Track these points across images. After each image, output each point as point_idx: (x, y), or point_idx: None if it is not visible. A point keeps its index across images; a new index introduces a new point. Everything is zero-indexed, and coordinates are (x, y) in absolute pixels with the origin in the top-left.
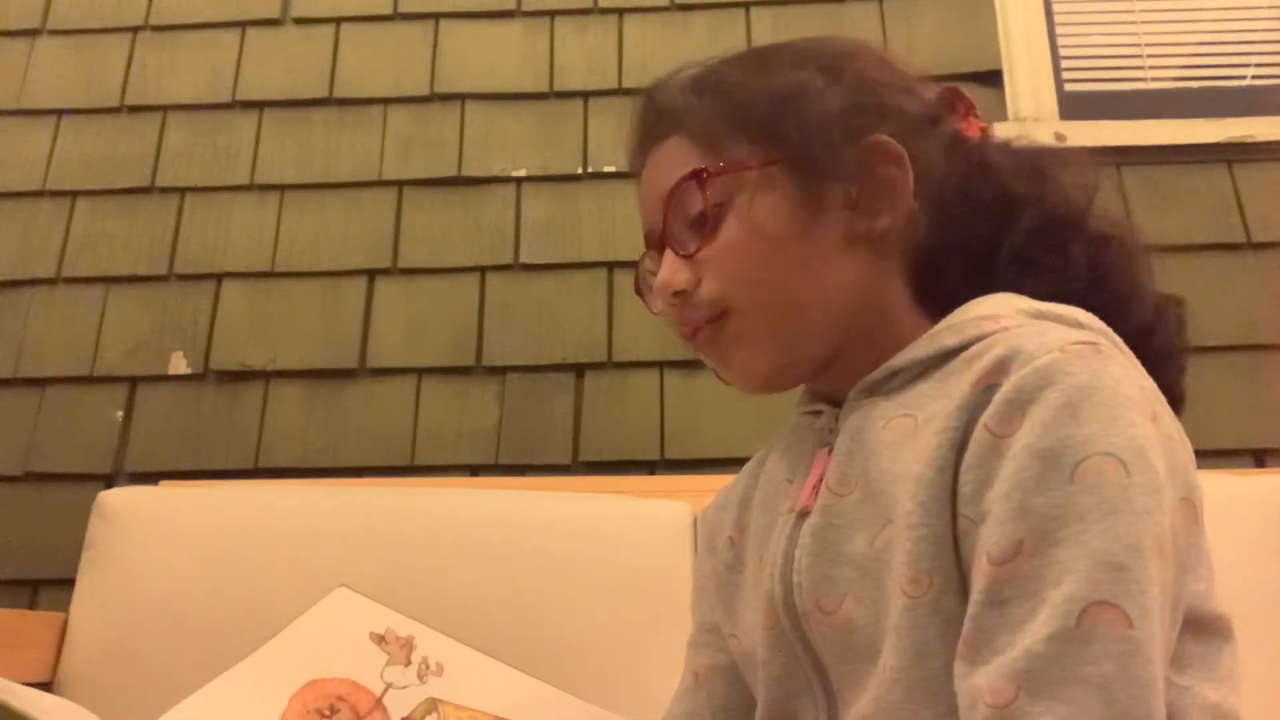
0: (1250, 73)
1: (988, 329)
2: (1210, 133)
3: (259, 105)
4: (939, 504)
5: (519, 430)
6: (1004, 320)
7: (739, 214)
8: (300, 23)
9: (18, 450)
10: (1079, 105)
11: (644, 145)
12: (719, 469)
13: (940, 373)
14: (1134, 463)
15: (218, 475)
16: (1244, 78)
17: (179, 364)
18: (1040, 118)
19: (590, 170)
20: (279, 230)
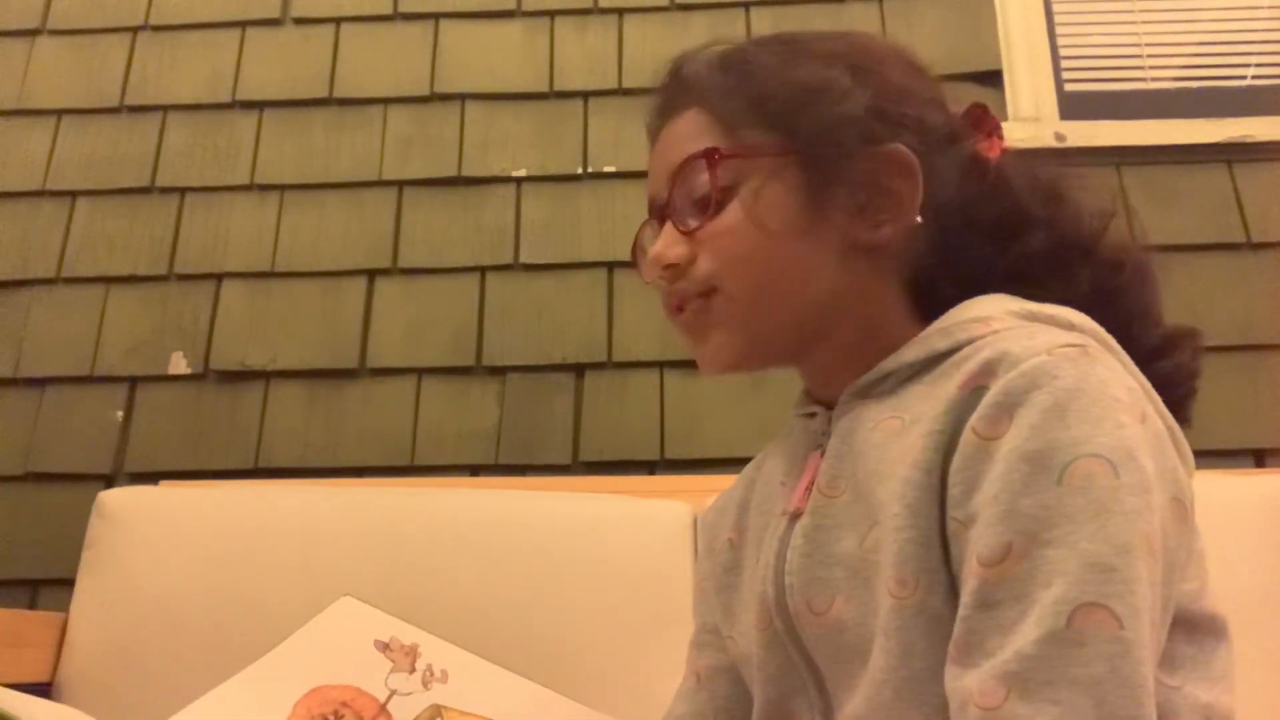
0: (1250, 73)
1: (978, 332)
2: (1210, 133)
3: (259, 105)
4: (926, 506)
5: (519, 430)
6: (995, 323)
7: (744, 201)
8: (300, 23)
9: (18, 450)
10: (1079, 105)
11: (662, 113)
12: (719, 469)
13: (931, 375)
14: (1122, 464)
15: (218, 475)
16: (1244, 78)
17: (179, 364)
18: (1040, 118)
19: (590, 170)
20: (279, 230)
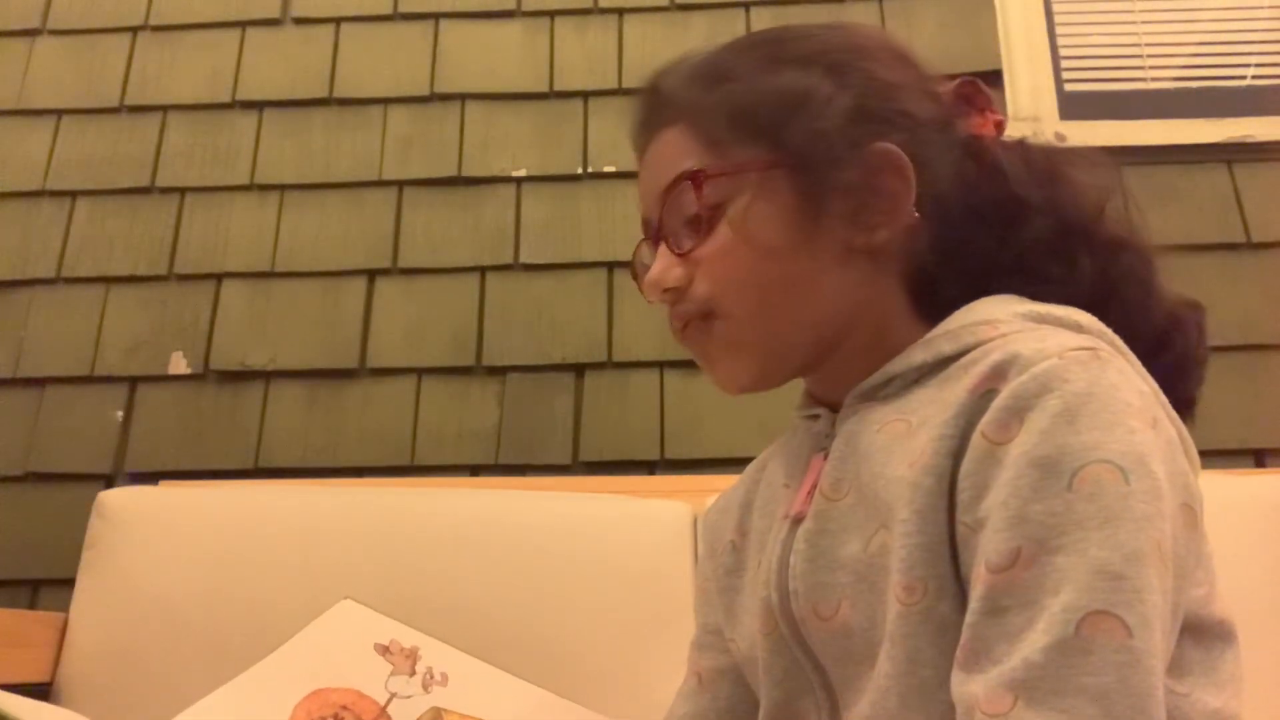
0: (1250, 73)
1: (985, 335)
2: (1210, 133)
3: (259, 105)
4: (935, 511)
5: (519, 430)
6: (1002, 325)
7: (733, 220)
8: (300, 23)
9: (18, 450)
10: (1079, 105)
11: (646, 130)
12: (719, 469)
13: (938, 379)
14: (1133, 470)
15: (217, 475)
16: (1244, 78)
17: (179, 364)
18: (1040, 118)
19: (590, 170)
20: (279, 230)
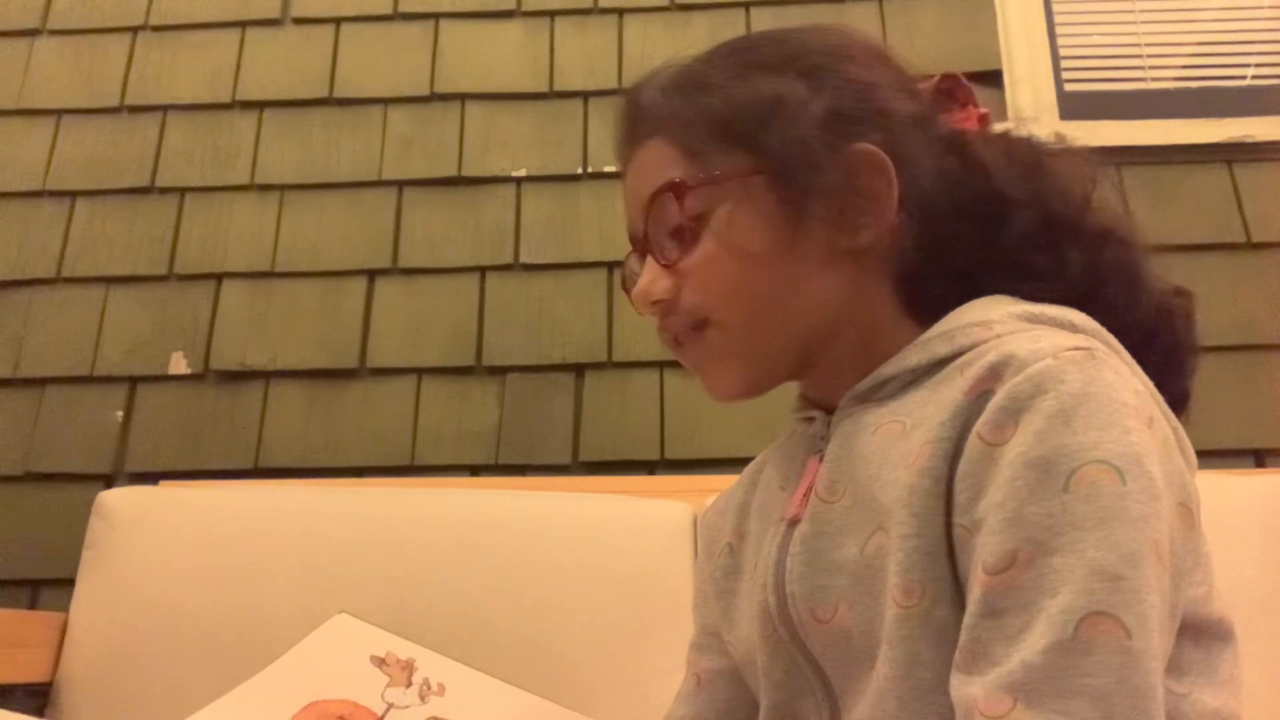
0: (1250, 73)
1: (980, 336)
2: (1210, 133)
3: (259, 105)
4: (932, 513)
5: (519, 430)
6: (996, 326)
7: (716, 229)
8: (300, 23)
9: (18, 450)
10: (1079, 105)
11: (627, 143)
12: (719, 469)
13: (932, 380)
14: (1130, 470)
15: (217, 475)
16: (1244, 78)
17: (179, 364)
18: (1040, 118)
19: (590, 170)
20: (279, 230)
